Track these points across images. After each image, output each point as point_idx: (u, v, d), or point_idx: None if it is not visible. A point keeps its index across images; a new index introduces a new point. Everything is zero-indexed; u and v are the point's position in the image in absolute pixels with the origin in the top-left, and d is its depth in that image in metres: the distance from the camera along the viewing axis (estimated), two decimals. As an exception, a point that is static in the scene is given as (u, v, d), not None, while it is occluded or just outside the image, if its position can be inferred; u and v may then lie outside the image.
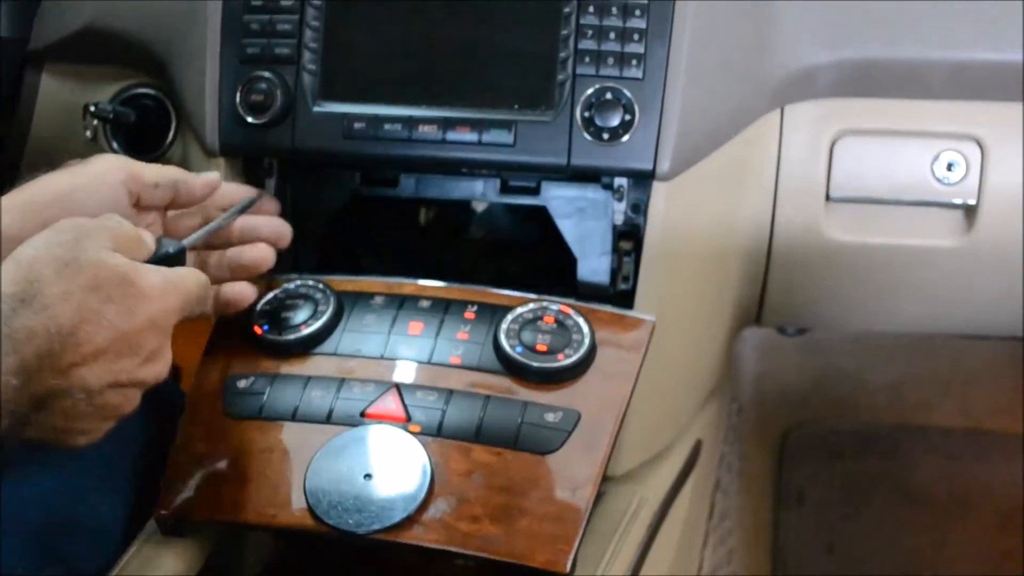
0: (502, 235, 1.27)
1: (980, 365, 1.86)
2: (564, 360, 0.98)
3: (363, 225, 1.23)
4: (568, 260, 1.15)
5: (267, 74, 1.11)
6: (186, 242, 0.93)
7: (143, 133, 1.25)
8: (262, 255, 1.02)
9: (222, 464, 0.97)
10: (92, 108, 1.19)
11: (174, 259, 0.91)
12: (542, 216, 1.16)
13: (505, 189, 1.17)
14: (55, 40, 1.25)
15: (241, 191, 1.07)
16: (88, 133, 1.23)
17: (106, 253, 0.82)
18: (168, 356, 0.87)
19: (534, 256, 1.25)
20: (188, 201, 0.99)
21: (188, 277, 0.88)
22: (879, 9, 1.14)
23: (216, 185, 1.01)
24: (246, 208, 1.04)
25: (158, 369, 0.85)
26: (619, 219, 1.10)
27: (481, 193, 1.18)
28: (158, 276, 0.84)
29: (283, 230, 1.06)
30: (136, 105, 1.25)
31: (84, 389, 0.79)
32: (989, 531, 1.72)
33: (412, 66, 1.11)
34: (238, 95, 1.11)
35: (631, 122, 1.05)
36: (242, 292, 1.02)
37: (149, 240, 0.89)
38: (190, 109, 1.17)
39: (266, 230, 1.04)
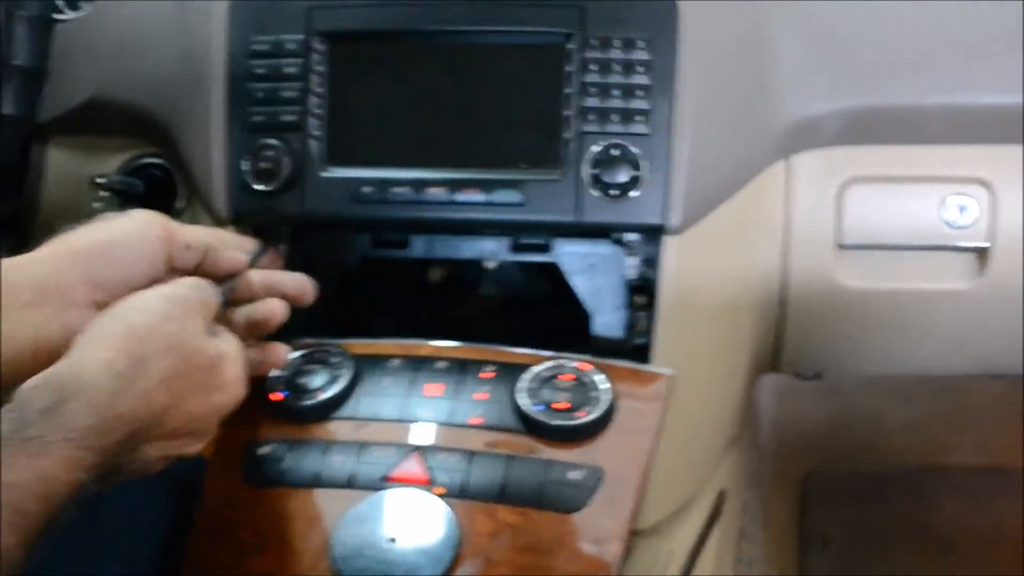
0: (514, 292, 1.28)
1: (996, 402, 1.87)
2: (584, 417, 0.98)
3: (374, 286, 1.24)
4: (582, 316, 1.16)
5: (274, 141, 1.13)
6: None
7: (152, 203, 1.26)
8: (272, 309, 1.00)
9: (245, 533, 0.97)
10: (100, 180, 1.21)
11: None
12: (554, 272, 1.17)
13: (516, 247, 1.18)
14: (61, 113, 1.27)
15: (246, 244, 1.07)
16: (97, 204, 1.24)
17: (204, 338, 0.85)
18: (212, 434, 0.90)
19: (547, 313, 1.25)
20: (211, 272, 0.99)
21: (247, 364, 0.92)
22: (880, 56, 1.16)
23: (241, 269, 1.00)
24: (257, 259, 1.04)
25: (203, 444, 0.88)
26: (632, 274, 1.12)
27: (492, 252, 1.19)
28: (238, 369, 0.88)
29: (306, 286, 1.04)
30: (143, 175, 1.27)
31: (141, 463, 0.82)
32: (1015, 570, 1.72)
33: (418, 129, 1.13)
34: (246, 163, 1.13)
35: (639, 177, 1.07)
36: (276, 352, 1.03)
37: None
38: (199, 178, 1.18)
39: (290, 286, 1.04)
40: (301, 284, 1.04)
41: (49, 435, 0.73)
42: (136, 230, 0.93)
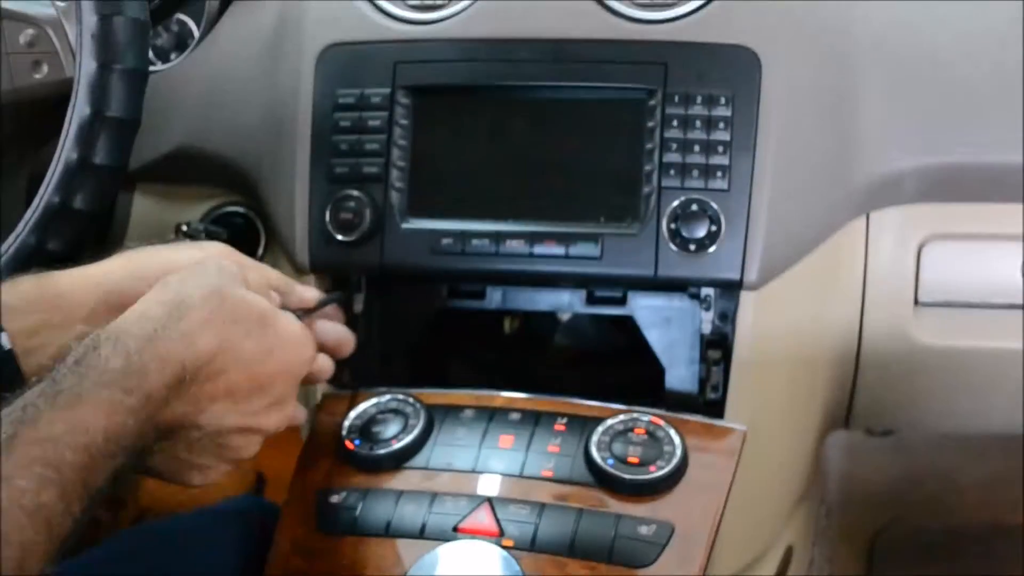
0: (587, 344, 1.28)
1: (1072, 462, 1.83)
2: (656, 472, 0.97)
3: (450, 336, 1.25)
4: (655, 370, 1.15)
5: (356, 192, 1.13)
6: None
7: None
8: (321, 367, 0.99)
9: (317, 580, 0.97)
10: (184, 227, 1.22)
11: None
12: (628, 325, 1.17)
13: (591, 300, 1.18)
14: (147, 162, 1.29)
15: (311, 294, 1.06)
16: None
17: (248, 292, 0.85)
18: (291, 409, 0.88)
19: (619, 365, 1.25)
20: None
21: (313, 336, 0.91)
22: (961, 114, 1.14)
23: (312, 304, 1.01)
24: (322, 307, 1.04)
25: (280, 417, 0.87)
26: (707, 328, 1.11)
27: (567, 304, 1.19)
28: (296, 324, 0.87)
29: (346, 338, 1.04)
30: (226, 223, 1.28)
31: (212, 425, 0.81)
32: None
33: (498, 182, 1.13)
34: (328, 213, 1.14)
35: (717, 233, 1.07)
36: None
37: (276, 300, 0.92)
38: (280, 227, 1.19)
39: (331, 337, 1.02)
40: (341, 337, 1.03)
41: (79, 385, 0.73)
42: (204, 259, 0.93)
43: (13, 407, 0.69)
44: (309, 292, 1.03)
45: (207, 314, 0.81)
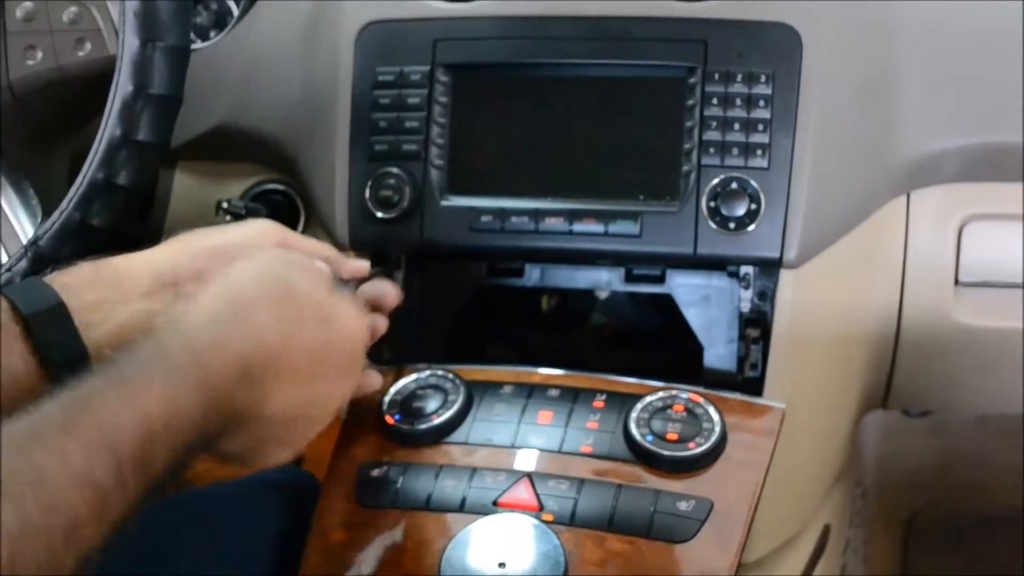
0: (625, 322, 1.28)
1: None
2: (695, 449, 0.97)
3: (488, 313, 1.25)
4: (692, 348, 1.15)
5: (395, 170, 1.14)
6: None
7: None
8: (376, 327, 0.99)
9: (359, 554, 0.98)
10: (225, 204, 1.23)
11: None
12: (666, 304, 1.17)
13: (630, 278, 1.18)
14: (188, 139, 1.30)
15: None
16: None
17: (313, 286, 0.86)
18: (355, 380, 0.90)
19: (657, 343, 1.25)
20: None
21: (366, 314, 0.92)
22: (1004, 93, 1.14)
23: (364, 274, 1.01)
24: (377, 275, 1.05)
25: (346, 391, 0.88)
26: (746, 307, 1.11)
27: (606, 282, 1.19)
28: (351, 306, 0.89)
29: (389, 290, 1.03)
30: (266, 200, 1.29)
31: (279, 413, 0.81)
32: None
33: (537, 159, 1.14)
34: (367, 191, 1.15)
35: (757, 211, 1.07)
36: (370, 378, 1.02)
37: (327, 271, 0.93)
38: (320, 205, 1.20)
39: (374, 293, 1.02)
40: (382, 289, 1.02)
41: (142, 373, 0.73)
42: (251, 237, 0.94)
43: (77, 390, 0.70)
44: (359, 263, 1.03)
45: (268, 309, 0.82)
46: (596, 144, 1.12)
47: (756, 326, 1.11)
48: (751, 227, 1.07)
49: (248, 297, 0.82)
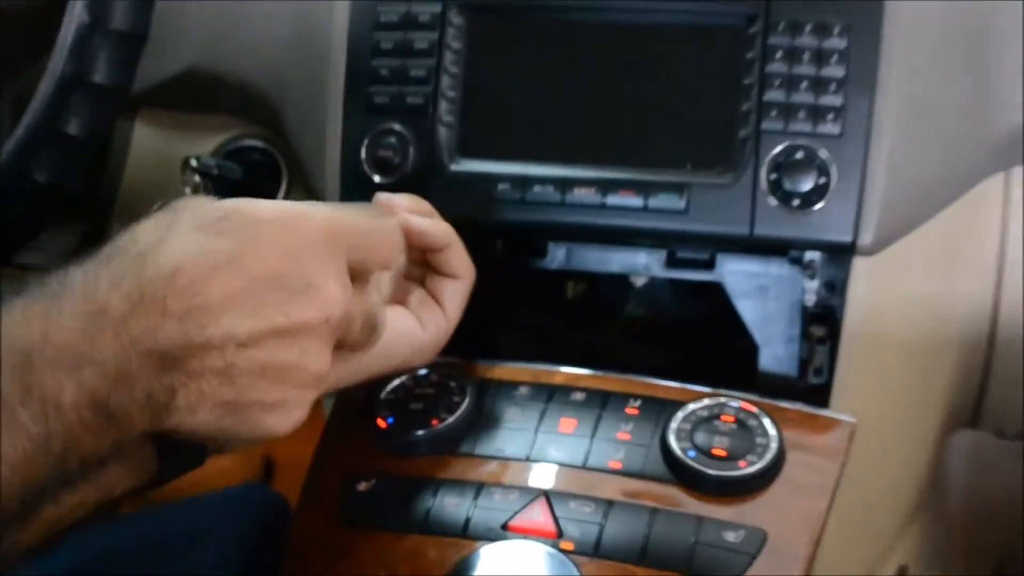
0: (665, 315, 1.28)
1: None
2: (747, 468, 0.97)
3: (503, 299, 1.25)
4: (746, 347, 1.15)
5: (397, 127, 1.14)
6: None
7: (250, 192, 1.28)
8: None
9: (339, 582, 0.98)
10: (194, 162, 1.23)
11: None
12: (714, 294, 1.17)
13: (672, 262, 1.18)
14: (152, 85, 1.30)
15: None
16: (187, 190, 1.27)
17: (205, 200, 0.82)
18: (338, 294, 0.82)
19: (703, 341, 1.25)
20: None
21: (326, 207, 0.86)
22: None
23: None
24: None
25: (319, 305, 0.81)
26: (810, 300, 1.11)
27: (644, 266, 1.19)
28: (276, 205, 0.83)
29: (441, 229, 1.03)
30: (243, 160, 1.30)
31: (229, 340, 0.76)
32: None
33: (566, 119, 1.14)
34: (363, 151, 1.15)
35: (827, 186, 1.06)
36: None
37: None
38: (306, 166, 1.21)
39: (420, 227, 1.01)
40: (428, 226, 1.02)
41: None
42: None
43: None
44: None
45: (157, 235, 0.78)
46: (636, 102, 1.12)
47: (822, 323, 1.11)
48: (819, 205, 1.06)
49: (133, 235, 0.79)
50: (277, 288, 0.78)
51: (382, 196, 1.01)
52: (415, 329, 1.01)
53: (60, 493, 0.72)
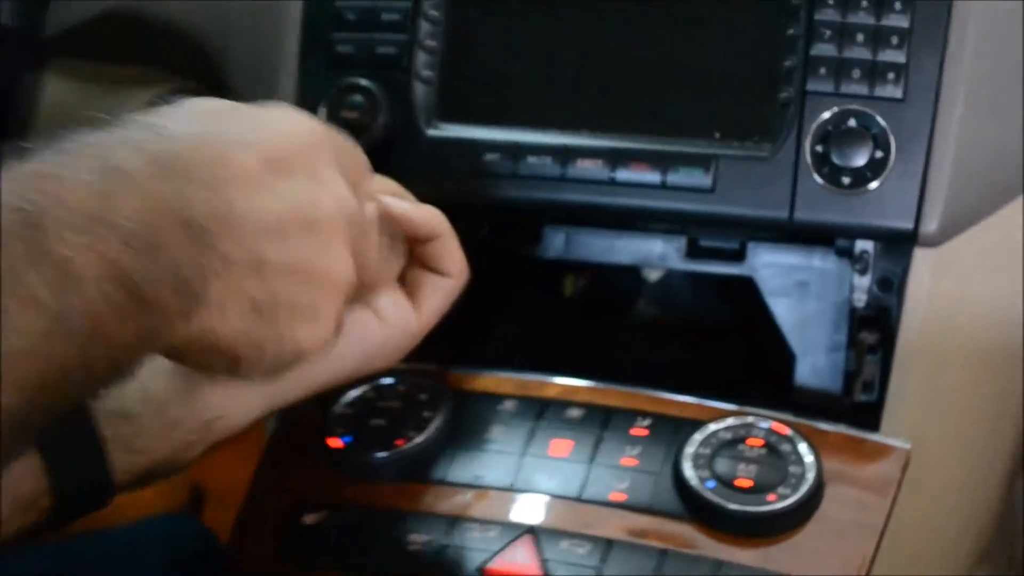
0: (683, 316, 1.29)
1: None
2: (777, 502, 0.97)
3: (487, 292, 1.25)
4: (780, 355, 1.15)
5: (365, 82, 1.14)
6: None
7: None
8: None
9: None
10: (114, 123, 1.23)
11: None
12: (744, 291, 1.17)
13: (694, 252, 1.19)
14: (67, 27, 1.30)
15: None
16: None
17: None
18: (348, 192, 0.87)
19: (728, 348, 1.26)
20: None
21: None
22: None
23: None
24: None
25: (335, 197, 0.85)
26: (860, 300, 1.11)
27: (659, 257, 1.20)
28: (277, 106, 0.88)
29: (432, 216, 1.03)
30: (176, 121, 1.29)
31: (259, 219, 0.79)
32: None
33: (568, 76, 1.14)
34: (324, 110, 1.14)
35: (884, 161, 1.05)
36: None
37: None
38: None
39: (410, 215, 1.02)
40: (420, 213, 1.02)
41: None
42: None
43: None
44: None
45: (164, 112, 0.81)
46: (654, 57, 1.12)
47: (874, 328, 1.11)
48: (874, 184, 1.06)
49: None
50: (291, 174, 0.82)
51: None
52: (370, 324, 1.00)
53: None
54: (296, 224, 0.81)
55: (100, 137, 0.74)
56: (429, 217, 1.01)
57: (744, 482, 0.98)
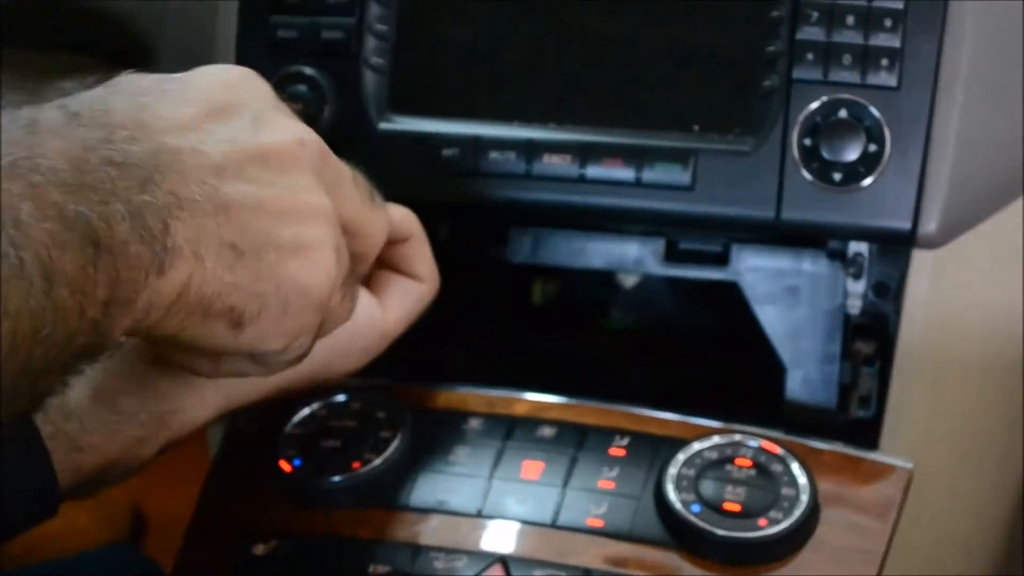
0: (662, 325, 1.29)
1: None
2: (768, 527, 0.97)
3: (448, 300, 1.25)
4: (768, 368, 1.15)
5: (309, 71, 1.14)
6: None
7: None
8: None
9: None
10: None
11: None
12: (728, 297, 1.17)
13: (673, 255, 1.19)
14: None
15: None
16: None
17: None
18: (296, 123, 0.87)
19: (712, 360, 1.26)
20: None
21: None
22: None
23: None
24: None
25: (281, 128, 0.85)
26: (855, 306, 1.11)
27: (635, 261, 1.20)
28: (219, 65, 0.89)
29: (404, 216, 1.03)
30: (104, 113, 1.29)
31: (202, 155, 0.79)
32: None
33: (533, 63, 1.13)
34: (265, 102, 1.14)
35: (878, 155, 1.05)
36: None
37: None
38: (189, 123, 1.19)
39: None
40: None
41: None
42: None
43: None
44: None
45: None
46: (627, 42, 1.12)
47: (870, 337, 1.11)
48: (868, 180, 1.06)
49: None
50: (231, 118, 0.82)
51: None
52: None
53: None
54: (246, 157, 0.81)
55: (20, 107, 0.73)
56: (404, 216, 1.01)
57: (732, 506, 0.98)
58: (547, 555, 0.98)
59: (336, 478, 1.03)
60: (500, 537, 1.00)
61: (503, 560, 0.98)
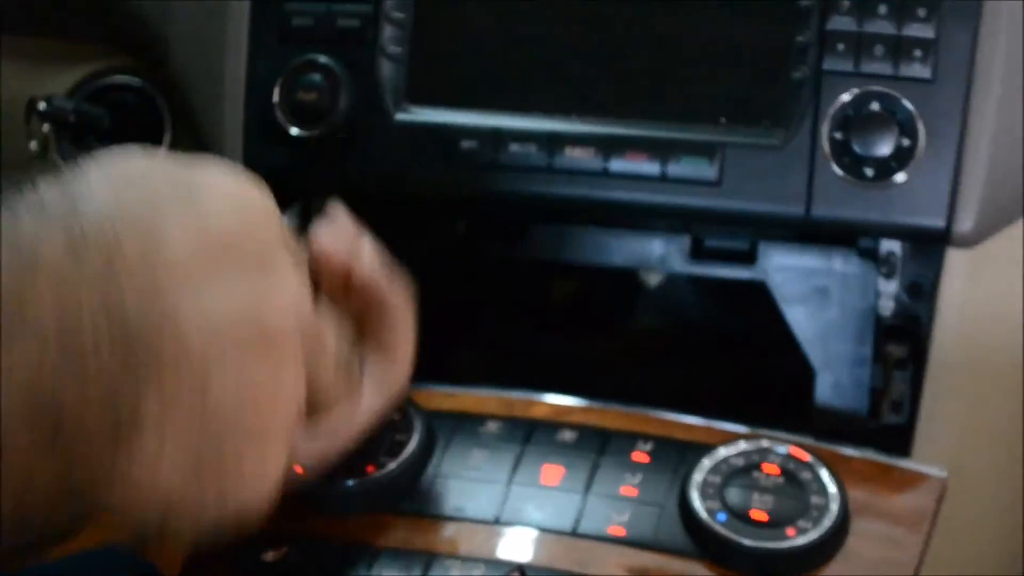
0: (687, 326, 1.29)
1: None
2: (797, 538, 0.96)
3: (466, 298, 1.25)
4: (797, 372, 1.15)
5: (324, 60, 1.14)
6: None
7: (120, 142, 1.28)
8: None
9: None
10: (42, 106, 1.23)
11: None
12: (755, 297, 1.17)
13: (699, 253, 1.19)
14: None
15: None
16: (33, 144, 1.28)
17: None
18: (300, 282, 0.85)
19: (739, 363, 1.26)
20: None
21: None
22: None
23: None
24: None
25: (284, 289, 0.83)
26: (887, 307, 1.11)
27: (659, 259, 1.20)
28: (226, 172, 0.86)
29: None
30: (110, 103, 1.30)
31: (200, 313, 0.77)
32: None
33: (557, 54, 1.13)
34: (277, 92, 1.14)
35: (912, 150, 1.06)
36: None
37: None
38: (199, 112, 1.21)
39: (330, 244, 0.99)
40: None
41: None
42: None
43: None
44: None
45: (80, 176, 0.79)
46: (652, 33, 1.12)
47: (903, 339, 1.11)
48: (901, 176, 1.06)
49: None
50: (237, 264, 0.80)
51: None
52: None
53: None
54: (245, 338, 0.79)
55: (7, 211, 0.73)
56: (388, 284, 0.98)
57: (759, 515, 0.97)
58: (567, 564, 0.98)
59: (349, 482, 1.02)
60: (518, 545, 0.99)
61: (521, 569, 0.97)
